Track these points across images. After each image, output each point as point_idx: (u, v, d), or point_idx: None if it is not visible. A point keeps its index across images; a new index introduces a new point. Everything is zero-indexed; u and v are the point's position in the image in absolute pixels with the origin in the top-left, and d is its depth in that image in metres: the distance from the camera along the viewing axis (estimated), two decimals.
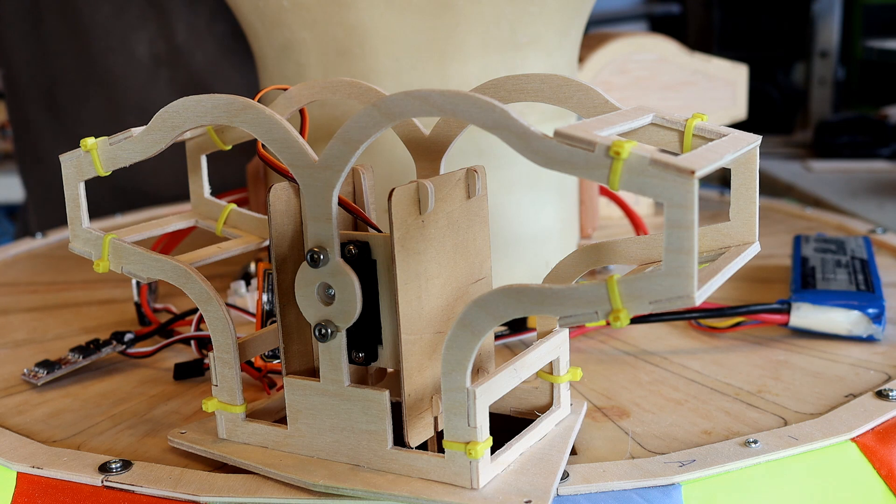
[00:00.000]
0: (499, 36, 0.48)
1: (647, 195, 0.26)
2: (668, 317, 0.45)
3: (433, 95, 0.28)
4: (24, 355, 0.47)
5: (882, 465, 0.35)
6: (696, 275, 0.26)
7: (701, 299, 0.26)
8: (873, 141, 1.33)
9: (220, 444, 0.35)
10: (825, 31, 1.58)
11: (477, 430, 0.29)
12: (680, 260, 0.25)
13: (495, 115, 0.27)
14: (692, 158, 0.26)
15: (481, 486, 0.30)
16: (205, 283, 0.33)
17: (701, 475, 0.33)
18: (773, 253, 0.60)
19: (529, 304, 0.28)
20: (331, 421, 0.32)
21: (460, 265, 0.34)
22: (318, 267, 0.31)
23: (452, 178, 0.33)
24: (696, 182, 0.25)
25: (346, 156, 0.30)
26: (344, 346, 0.31)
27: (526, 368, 0.32)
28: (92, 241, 0.35)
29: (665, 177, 0.25)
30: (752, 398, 0.40)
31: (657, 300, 0.26)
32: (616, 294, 0.26)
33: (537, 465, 0.32)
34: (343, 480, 0.31)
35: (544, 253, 0.53)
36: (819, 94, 1.58)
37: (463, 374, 0.29)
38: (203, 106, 0.32)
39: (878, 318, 0.45)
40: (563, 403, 0.35)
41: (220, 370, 0.34)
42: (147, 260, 0.34)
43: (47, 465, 0.34)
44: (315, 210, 0.31)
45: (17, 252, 0.66)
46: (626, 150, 0.26)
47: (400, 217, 0.31)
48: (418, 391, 0.32)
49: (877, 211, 1.03)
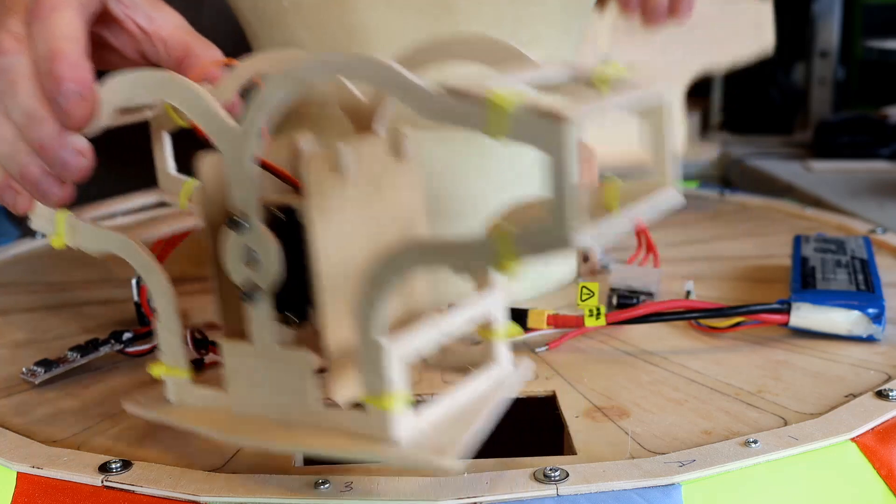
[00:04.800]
0: (499, 36, 0.48)
1: (529, 144, 0.26)
2: (668, 317, 0.45)
3: (333, 58, 0.29)
4: (24, 355, 0.47)
5: (882, 465, 0.35)
6: (575, 220, 0.26)
7: (590, 243, 0.26)
8: (873, 141, 1.33)
9: (169, 408, 0.36)
10: (825, 31, 1.58)
11: (390, 383, 0.30)
12: (559, 205, 0.26)
13: (389, 74, 0.28)
14: (572, 106, 0.26)
15: (398, 439, 0.30)
16: (147, 254, 0.35)
17: (701, 475, 0.33)
18: (773, 253, 0.60)
19: (425, 256, 0.28)
20: (262, 381, 0.33)
21: (389, 227, 0.34)
22: (240, 232, 0.32)
23: (378, 140, 0.34)
24: (569, 128, 0.25)
25: (258, 121, 0.31)
26: (270, 308, 0.32)
27: (451, 325, 0.32)
28: (49, 217, 0.38)
29: (541, 124, 0.25)
30: (752, 398, 0.40)
31: (541, 247, 0.26)
32: (503, 243, 0.27)
33: (459, 420, 0.32)
34: (270, 437, 0.32)
35: None
36: (819, 94, 1.58)
37: (374, 328, 0.29)
38: (129, 82, 0.34)
39: (878, 318, 0.45)
40: (502, 361, 0.35)
41: (165, 337, 0.35)
42: (95, 234, 0.36)
43: (47, 465, 0.34)
44: (235, 176, 0.32)
45: (18, 252, 0.66)
46: (505, 99, 0.26)
47: (316, 180, 0.31)
48: (343, 349, 0.33)
49: (877, 211, 1.03)
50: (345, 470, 0.34)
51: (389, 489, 0.32)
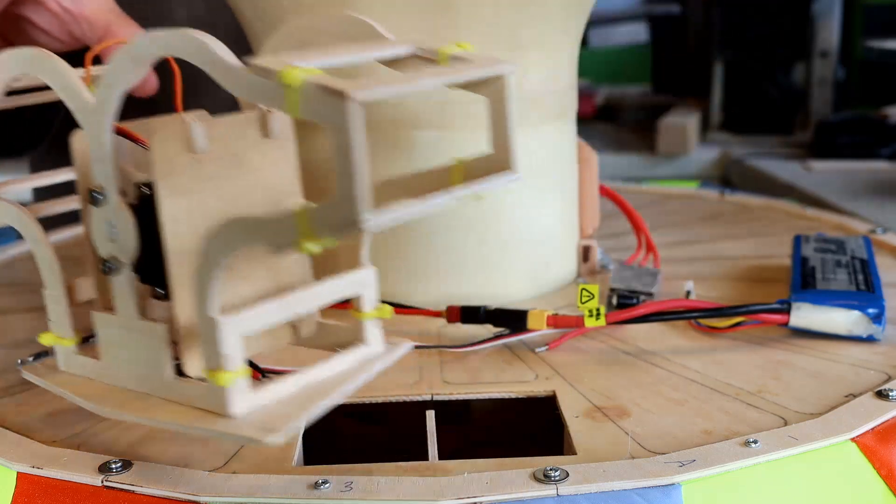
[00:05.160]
0: (499, 36, 0.48)
1: (319, 121, 0.26)
2: (668, 316, 0.45)
3: (162, 35, 0.30)
4: (24, 355, 0.47)
5: (882, 465, 0.35)
6: (363, 199, 0.26)
7: (380, 225, 0.26)
8: (873, 141, 1.33)
9: (56, 375, 0.37)
10: (825, 31, 1.58)
11: (226, 358, 0.30)
12: (345, 185, 0.26)
13: (205, 52, 0.29)
14: (361, 83, 0.27)
15: (236, 414, 0.31)
16: (37, 228, 0.36)
17: (701, 475, 0.33)
18: (773, 253, 0.60)
19: (243, 234, 0.29)
20: (127, 352, 0.34)
21: (256, 205, 0.35)
22: (98, 206, 0.33)
23: (244, 117, 0.34)
24: (353, 105, 0.25)
25: (111, 99, 0.31)
26: (130, 281, 0.33)
27: (301, 303, 0.32)
28: None
29: (328, 101, 0.26)
30: (752, 398, 0.40)
31: (333, 227, 0.27)
32: (302, 221, 0.27)
33: (303, 399, 0.32)
34: (128, 409, 0.33)
35: (544, 253, 0.53)
36: (819, 94, 1.58)
37: (208, 304, 0.30)
38: (4, 60, 0.35)
39: (878, 318, 0.45)
40: (371, 342, 0.35)
41: (52, 306, 0.36)
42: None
43: (47, 465, 0.34)
44: (94, 152, 0.32)
45: (18, 252, 0.66)
46: (295, 76, 0.26)
47: (164, 156, 0.32)
48: (194, 323, 0.33)
49: (877, 211, 1.03)
50: (345, 470, 0.34)
51: (389, 489, 0.32)
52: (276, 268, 0.35)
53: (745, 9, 1.57)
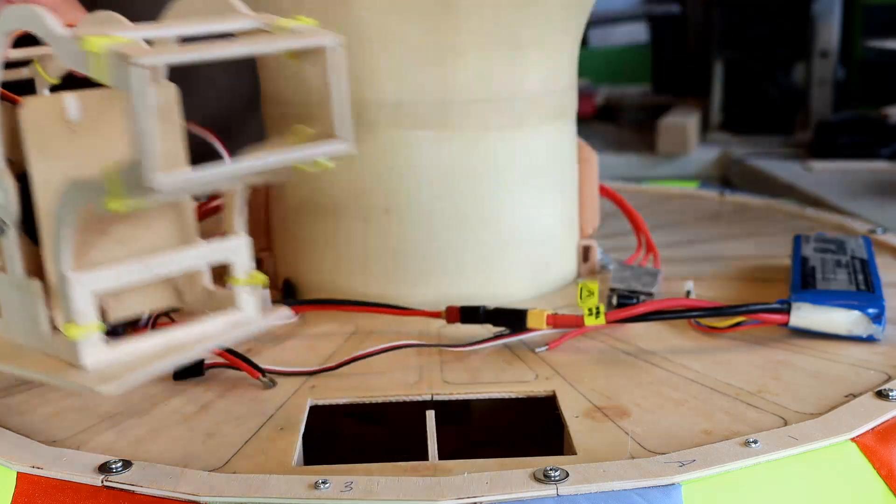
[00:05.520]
0: (499, 36, 0.48)
1: (122, 88, 0.27)
2: (668, 315, 0.45)
3: (9, 10, 0.31)
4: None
5: (882, 465, 0.35)
6: (151, 161, 0.27)
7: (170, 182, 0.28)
8: (873, 141, 1.33)
9: None
10: (825, 31, 1.57)
11: (77, 313, 0.31)
12: (135, 148, 0.27)
13: (35, 21, 0.30)
14: (154, 49, 0.28)
15: (87, 366, 0.32)
16: None
17: (701, 475, 0.33)
18: (773, 253, 0.60)
19: (76, 193, 0.30)
20: (14, 309, 0.35)
21: None
22: None
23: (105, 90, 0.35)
24: (136, 70, 0.27)
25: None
26: (16, 241, 0.34)
27: (162, 265, 0.34)
28: None
29: (119, 66, 0.27)
30: (752, 398, 0.40)
31: (131, 187, 0.28)
32: (111, 181, 0.28)
33: (162, 354, 0.33)
34: (8, 361, 0.34)
35: (544, 253, 0.53)
36: (819, 94, 1.58)
37: (62, 261, 0.31)
38: None
39: (878, 318, 0.45)
40: (245, 308, 0.36)
41: None
42: None
43: (47, 465, 0.34)
44: None
45: None
46: (96, 44, 0.28)
47: (37, 126, 0.33)
48: None
49: (877, 211, 1.03)
50: (345, 470, 0.34)
51: (389, 489, 0.32)
52: (157, 233, 0.36)
53: (745, 9, 1.57)
